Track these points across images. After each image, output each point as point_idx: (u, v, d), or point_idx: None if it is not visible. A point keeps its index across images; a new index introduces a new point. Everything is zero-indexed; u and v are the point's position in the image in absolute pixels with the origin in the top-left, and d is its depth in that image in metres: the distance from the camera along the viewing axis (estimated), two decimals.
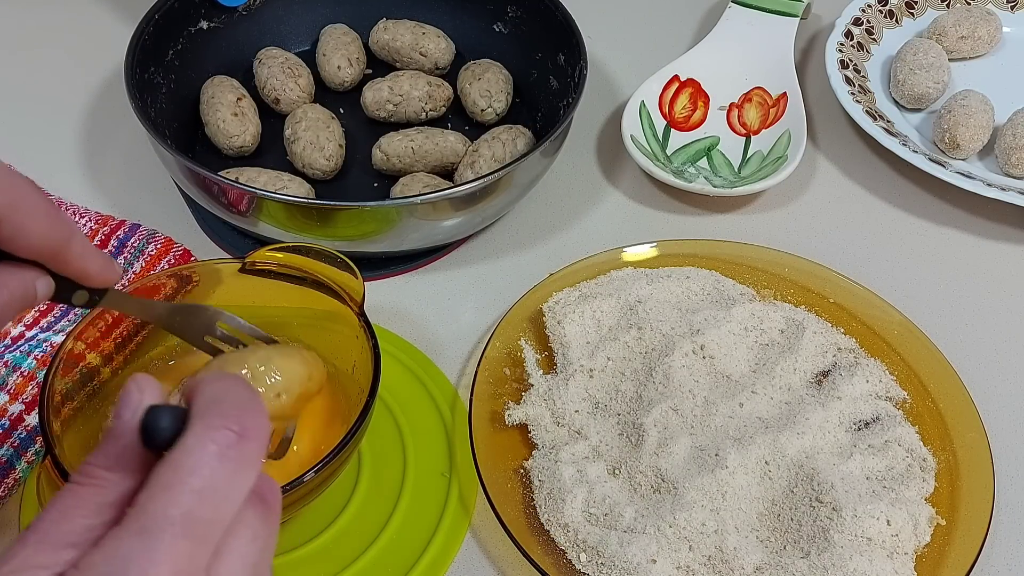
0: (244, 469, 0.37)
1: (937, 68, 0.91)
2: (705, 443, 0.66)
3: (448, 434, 0.69)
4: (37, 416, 0.62)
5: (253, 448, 0.37)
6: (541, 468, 0.65)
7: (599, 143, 0.91)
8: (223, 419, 0.37)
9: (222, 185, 0.73)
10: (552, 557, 0.62)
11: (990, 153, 0.88)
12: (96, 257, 0.50)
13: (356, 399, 0.62)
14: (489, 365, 0.70)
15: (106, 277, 0.51)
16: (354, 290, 0.63)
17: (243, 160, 0.84)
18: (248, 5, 0.91)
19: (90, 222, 0.78)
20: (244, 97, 0.85)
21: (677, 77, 0.92)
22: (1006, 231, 0.85)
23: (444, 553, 0.64)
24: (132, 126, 0.80)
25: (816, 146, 0.92)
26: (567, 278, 0.76)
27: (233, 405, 0.38)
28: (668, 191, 0.87)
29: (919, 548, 0.62)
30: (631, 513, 0.62)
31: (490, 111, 0.87)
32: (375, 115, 0.87)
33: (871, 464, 0.65)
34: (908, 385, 0.71)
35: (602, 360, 0.70)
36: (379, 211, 0.73)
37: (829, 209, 0.87)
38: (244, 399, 0.39)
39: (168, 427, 0.37)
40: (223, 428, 0.37)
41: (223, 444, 0.36)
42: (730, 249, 0.79)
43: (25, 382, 0.68)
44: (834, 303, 0.76)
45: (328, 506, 0.65)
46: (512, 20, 0.91)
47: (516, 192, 0.78)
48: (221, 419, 0.37)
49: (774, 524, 0.63)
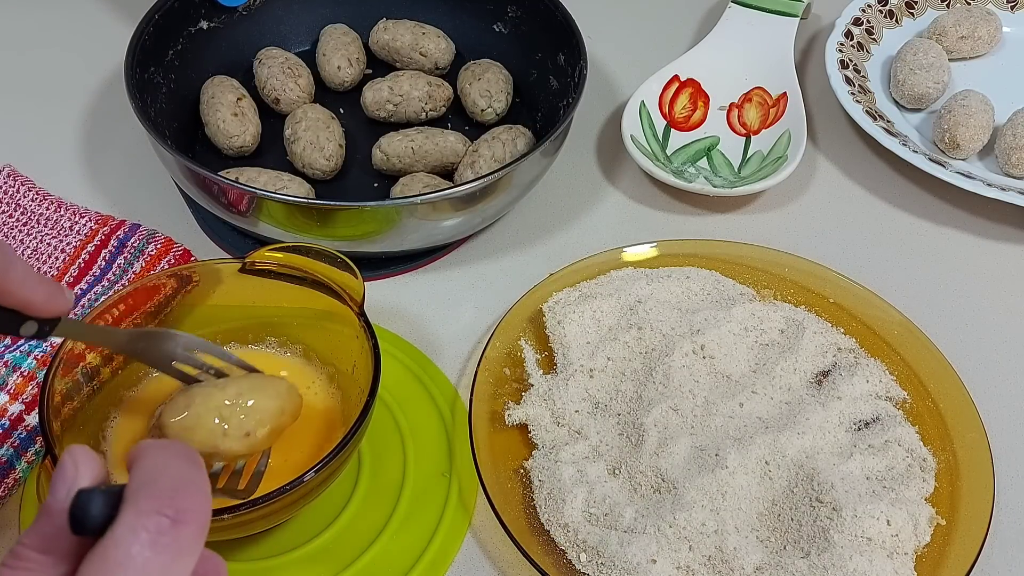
0: (181, 557, 0.35)
1: (937, 68, 0.91)
2: (705, 443, 0.66)
3: (448, 434, 0.69)
4: (37, 416, 0.62)
5: (190, 532, 0.35)
6: (541, 468, 0.65)
7: (599, 143, 0.91)
8: (156, 502, 0.35)
9: (222, 185, 0.73)
10: (552, 557, 0.62)
11: (990, 153, 0.88)
12: (40, 285, 0.48)
13: (356, 399, 0.62)
14: (489, 365, 0.70)
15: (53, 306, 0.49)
16: (354, 290, 0.63)
17: (243, 160, 0.84)
18: (248, 5, 0.91)
19: (90, 222, 0.78)
20: (244, 97, 0.85)
21: (677, 77, 0.92)
22: (1006, 231, 0.85)
23: (444, 553, 0.64)
24: (132, 126, 0.80)
25: (816, 146, 0.92)
26: (567, 278, 0.76)
27: (168, 486, 0.36)
28: (668, 191, 0.87)
29: (919, 548, 0.62)
30: (631, 513, 0.62)
31: (490, 111, 0.87)
32: (375, 115, 0.87)
33: (871, 464, 0.65)
34: (908, 385, 0.71)
35: (602, 360, 0.70)
36: (379, 211, 0.73)
37: (829, 209, 0.87)
38: (181, 478, 0.36)
39: (98, 514, 0.35)
40: (156, 514, 0.35)
41: (156, 531, 0.34)
42: (730, 249, 0.79)
43: (25, 382, 0.68)
44: (834, 303, 0.76)
45: (328, 506, 0.65)
46: (512, 20, 0.91)
47: (516, 192, 0.78)
48: (154, 502, 0.35)
49: (774, 524, 0.63)
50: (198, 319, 0.67)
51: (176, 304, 0.66)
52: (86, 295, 0.74)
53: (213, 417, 0.57)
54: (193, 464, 0.38)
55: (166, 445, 0.38)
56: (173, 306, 0.66)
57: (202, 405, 0.58)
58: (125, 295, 0.63)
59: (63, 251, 0.76)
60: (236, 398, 0.58)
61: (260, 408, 0.58)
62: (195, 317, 0.67)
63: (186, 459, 0.37)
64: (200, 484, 0.37)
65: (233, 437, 0.58)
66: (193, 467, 0.37)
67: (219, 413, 0.57)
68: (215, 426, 0.57)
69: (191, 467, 0.37)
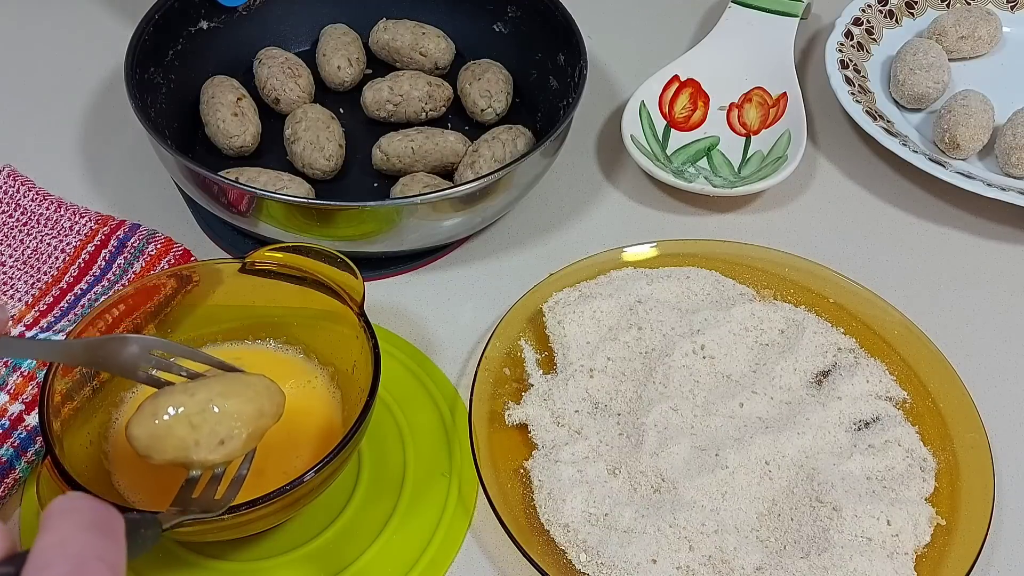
0: None
1: (937, 68, 0.91)
2: (705, 443, 0.66)
3: (448, 434, 0.69)
4: (37, 416, 0.62)
5: None
6: (541, 468, 0.65)
7: (599, 143, 0.91)
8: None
9: (222, 185, 0.73)
10: (552, 557, 0.62)
11: (990, 153, 0.88)
12: None
13: (356, 399, 0.62)
14: (489, 365, 0.70)
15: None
16: (354, 290, 0.63)
17: (243, 160, 0.84)
18: (248, 5, 0.91)
19: (90, 222, 0.78)
20: (244, 97, 0.85)
21: (677, 77, 0.92)
22: (1006, 231, 0.85)
23: (444, 553, 0.64)
24: (132, 126, 0.80)
25: (816, 146, 0.92)
26: (567, 278, 0.76)
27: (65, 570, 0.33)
28: (668, 191, 0.87)
29: (919, 548, 0.62)
30: (631, 513, 0.62)
31: (490, 111, 0.87)
32: (375, 115, 0.87)
33: (871, 464, 0.65)
34: (908, 385, 0.71)
35: (602, 360, 0.70)
36: (379, 211, 0.73)
37: (829, 209, 0.87)
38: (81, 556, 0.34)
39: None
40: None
41: None
42: (730, 249, 0.79)
43: (25, 382, 0.68)
44: (834, 303, 0.76)
45: (328, 506, 0.65)
46: (512, 20, 0.91)
47: (516, 192, 0.78)
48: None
49: (774, 524, 0.63)
50: (198, 319, 0.67)
51: (176, 304, 0.66)
52: (86, 295, 0.74)
53: (183, 425, 0.53)
54: (101, 534, 0.35)
55: (73, 510, 0.35)
56: (173, 306, 0.66)
57: (171, 413, 0.53)
58: (125, 295, 0.63)
59: (63, 251, 0.76)
60: (207, 403, 0.54)
61: (235, 412, 0.54)
62: (195, 317, 0.67)
63: (92, 529, 0.35)
64: (108, 559, 0.34)
65: (206, 447, 0.53)
66: (100, 538, 0.35)
67: (189, 421, 0.53)
68: (186, 435, 0.53)
69: (98, 539, 0.35)
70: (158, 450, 0.53)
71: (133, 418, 0.54)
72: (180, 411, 0.53)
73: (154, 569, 0.62)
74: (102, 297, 0.74)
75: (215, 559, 0.62)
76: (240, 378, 0.57)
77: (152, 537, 0.49)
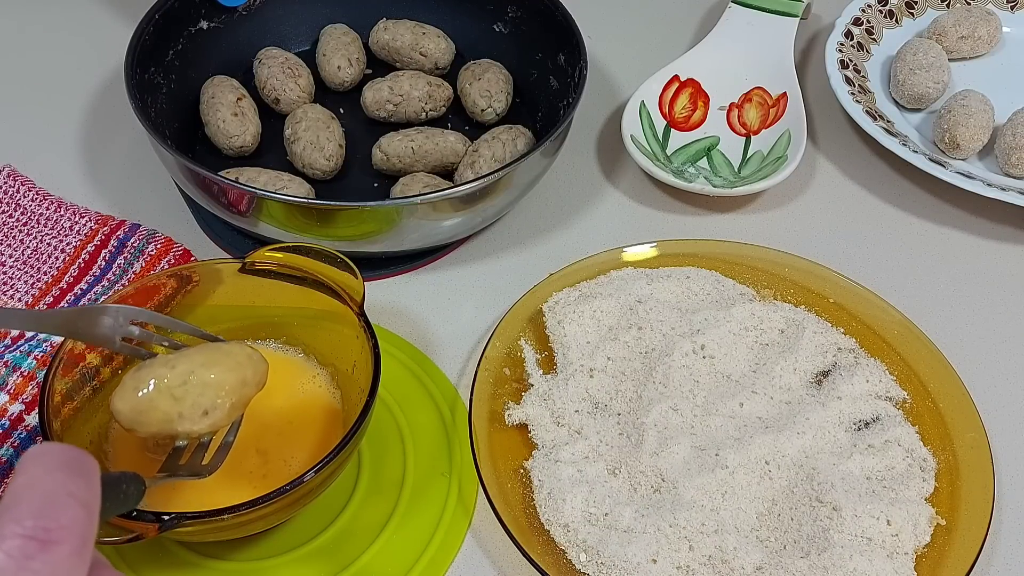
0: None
1: (937, 68, 0.91)
2: (705, 443, 0.66)
3: (448, 434, 0.69)
4: (37, 416, 0.62)
5: (65, 552, 0.33)
6: (541, 468, 0.65)
7: (599, 143, 0.91)
8: (19, 525, 0.32)
9: (222, 185, 0.73)
10: (552, 557, 0.62)
11: (990, 153, 0.88)
12: None
13: (356, 399, 0.62)
14: (489, 365, 0.70)
15: None
16: (354, 290, 0.63)
17: (243, 160, 0.84)
18: (248, 5, 0.91)
19: (90, 222, 0.78)
20: (244, 97, 0.85)
21: (677, 77, 0.92)
22: (1006, 231, 0.85)
23: (444, 553, 0.64)
24: (132, 126, 0.80)
25: (816, 146, 0.92)
26: (567, 278, 0.76)
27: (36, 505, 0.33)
28: (668, 191, 0.87)
29: (919, 548, 0.62)
30: (631, 513, 0.62)
31: (490, 111, 0.87)
32: (375, 115, 0.87)
33: (871, 464, 0.65)
34: (908, 385, 0.71)
35: (602, 360, 0.70)
36: (379, 211, 0.73)
37: (829, 209, 0.87)
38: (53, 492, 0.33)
39: None
40: (19, 537, 0.32)
41: (21, 556, 0.32)
42: (730, 249, 0.79)
43: (25, 382, 0.68)
44: (834, 303, 0.76)
45: (328, 506, 0.65)
46: (512, 20, 0.91)
47: (516, 192, 0.78)
48: (17, 526, 0.32)
49: (774, 524, 0.63)
50: (198, 319, 0.67)
51: (176, 304, 0.66)
52: (86, 295, 0.74)
53: (166, 398, 0.53)
54: (73, 473, 0.34)
55: (43, 453, 0.35)
56: (173, 306, 0.66)
57: (153, 386, 0.53)
58: (125, 295, 0.63)
59: (63, 251, 0.76)
60: (188, 375, 0.53)
61: (218, 382, 0.54)
62: (195, 317, 0.66)
63: (64, 468, 0.34)
64: (79, 495, 0.34)
65: (190, 418, 0.53)
66: (72, 477, 0.34)
67: (172, 393, 0.53)
68: (169, 407, 0.53)
69: (69, 478, 0.34)
70: (142, 424, 0.54)
71: (116, 392, 0.54)
72: (163, 383, 0.53)
73: (154, 569, 0.62)
74: (102, 297, 0.74)
75: (215, 559, 0.62)
76: (221, 347, 0.56)
77: (135, 494, 0.49)
